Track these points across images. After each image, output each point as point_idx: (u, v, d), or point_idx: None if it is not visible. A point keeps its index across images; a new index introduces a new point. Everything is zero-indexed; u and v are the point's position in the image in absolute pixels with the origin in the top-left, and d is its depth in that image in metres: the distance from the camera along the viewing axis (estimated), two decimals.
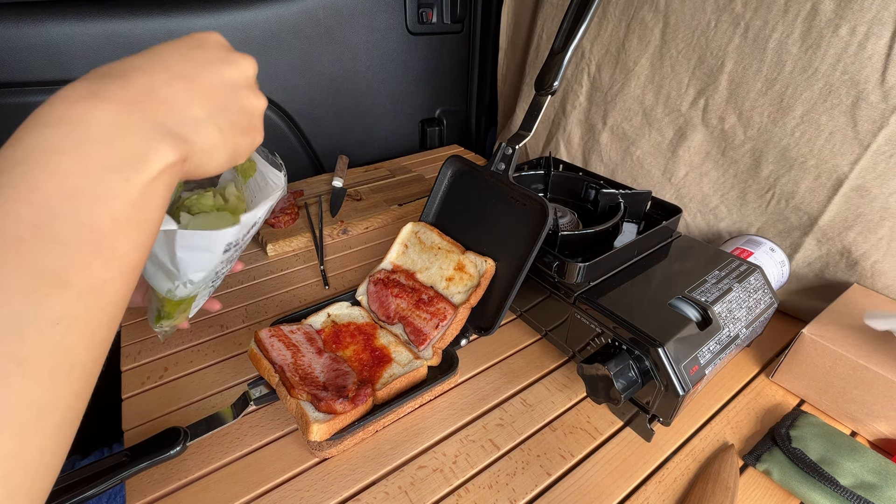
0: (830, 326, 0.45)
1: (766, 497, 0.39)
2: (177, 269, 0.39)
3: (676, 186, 0.66)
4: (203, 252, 0.38)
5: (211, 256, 0.39)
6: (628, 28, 0.66)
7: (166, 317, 0.45)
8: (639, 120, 0.68)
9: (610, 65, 0.70)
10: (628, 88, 0.68)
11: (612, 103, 0.71)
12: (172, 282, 0.40)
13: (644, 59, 0.65)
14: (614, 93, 0.70)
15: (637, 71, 0.66)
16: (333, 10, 0.86)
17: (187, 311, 0.46)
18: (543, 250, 0.48)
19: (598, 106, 0.73)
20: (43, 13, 0.66)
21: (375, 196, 0.85)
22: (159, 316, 0.45)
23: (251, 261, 0.70)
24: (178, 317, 0.46)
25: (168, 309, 0.44)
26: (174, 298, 0.42)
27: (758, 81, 0.55)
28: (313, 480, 0.40)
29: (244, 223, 0.38)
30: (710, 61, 0.58)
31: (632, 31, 0.66)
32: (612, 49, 0.69)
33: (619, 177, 0.74)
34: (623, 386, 0.40)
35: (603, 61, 0.71)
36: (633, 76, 0.67)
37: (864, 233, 0.51)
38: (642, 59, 0.65)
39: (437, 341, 0.49)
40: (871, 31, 0.45)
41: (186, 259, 0.38)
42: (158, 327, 0.46)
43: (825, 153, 0.51)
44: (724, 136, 0.59)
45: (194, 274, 0.40)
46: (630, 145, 0.71)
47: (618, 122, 0.71)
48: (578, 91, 0.76)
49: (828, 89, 0.49)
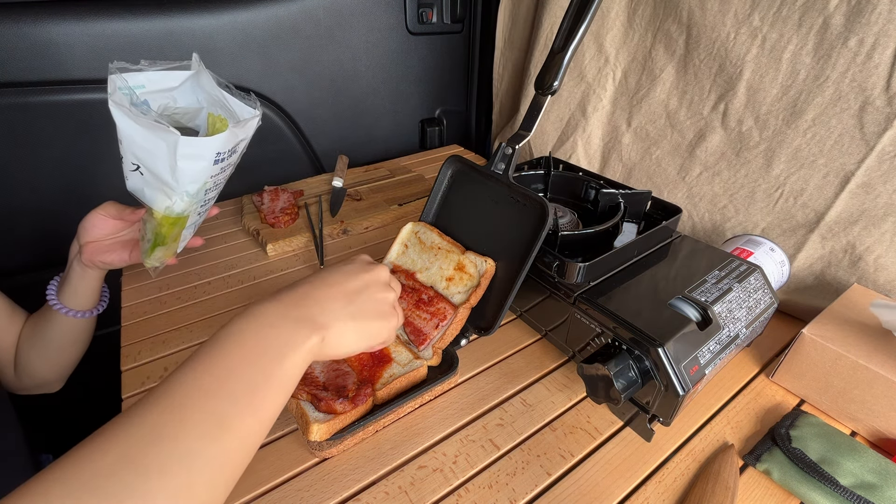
0: (830, 326, 0.46)
1: (766, 497, 0.39)
2: (176, 180, 0.46)
3: (689, 185, 0.69)
4: (198, 161, 0.46)
5: (204, 165, 0.47)
6: (654, 38, 0.70)
7: (161, 242, 0.52)
8: (662, 122, 0.72)
9: (636, 71, 0.74)
10: (654, 93, 0.72)
11: (638, 106, 0.74)
12: (171, 197, 0.48)
13: (670, 66, 0.69)
14: (640, 97, 0.74)
15: (663, 77, 0.70)
16: (333, 10, 0.86)
17: (177, 242, 0.54)
18: (543, 250, 0.48)
19: (623, 109, 0.77)
20: (43, 13, 0.66)
21: (375, 196, 0.85)
22: (154, 244, 0.52)
23: (251, 261, 0.70)
24: (170, 244, 0.53)
25: (164, 231, 0.51)
26: (171, 215, 0.50)
27: (774, 88, 0.58)
28: (313, 480, 0.40)
29: (230, 132, 0.47)
30: (729, 69, 0.62)
31: (658, 40, 0.70)
32: (638, 56, 0.73)
33: (635, 175, 0.77)
34: (623, 386, 0.40)
35: (630, 68, 0.75)
36: (658, 82, 0.71)
37: (869, 227, 0.53)
38: (668, 66, 0.69)
39: (437, 341, 0.49)
40: (878, 42, 0.49)
41: (184, 167, 0.46)
42: (150, 260, 0.53)
43: (834, 153, 0.54)
44: (740, 137, 0.62)
45: (190, 185, 0.48)
46: (651, 146, 0.74)
47: (642, 125, 0.74)
48: (602, 94, 0.79)
49: (837, 95, 0.53)
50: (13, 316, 0.60)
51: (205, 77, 0.49)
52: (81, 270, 0.55)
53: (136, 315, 0.59)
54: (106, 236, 0.55)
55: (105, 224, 0.54)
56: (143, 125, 0.44)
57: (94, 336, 0.65)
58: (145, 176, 0.47)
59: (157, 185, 0.48)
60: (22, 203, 0.76)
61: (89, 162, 0.77)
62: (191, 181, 0.48)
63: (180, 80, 0.49)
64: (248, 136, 0.51)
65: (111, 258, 0.55)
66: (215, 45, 0.78)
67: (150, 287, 0.64)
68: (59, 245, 0.80)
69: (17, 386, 0.61)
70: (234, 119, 0.50)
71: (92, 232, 0.54)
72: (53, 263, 0.82)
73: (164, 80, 0.49)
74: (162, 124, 0.43)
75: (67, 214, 0.79)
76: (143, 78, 0.47)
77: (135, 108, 0.44)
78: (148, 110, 0.48)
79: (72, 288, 0.56)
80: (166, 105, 0.50)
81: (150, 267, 0.55)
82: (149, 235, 0.52)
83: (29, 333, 0.60)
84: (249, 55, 0.81)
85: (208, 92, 0.50)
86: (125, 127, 0.45)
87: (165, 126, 0.43)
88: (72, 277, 0.56)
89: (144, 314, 0.59)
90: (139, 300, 0.62)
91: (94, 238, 0.54)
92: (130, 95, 0.46)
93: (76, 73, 0.70)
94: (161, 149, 0.45)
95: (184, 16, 0.75)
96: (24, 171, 0.73)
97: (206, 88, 0.50)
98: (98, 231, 0.54)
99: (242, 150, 0.53)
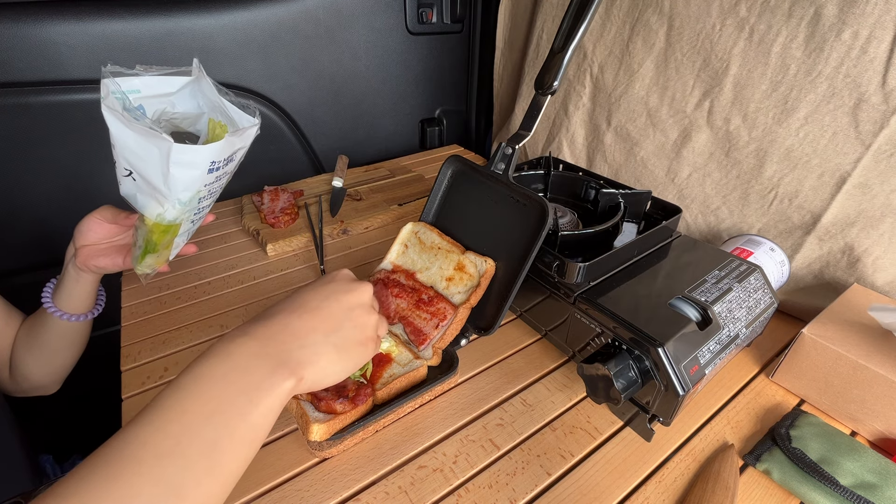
0: (830, 326, 0.45)
1: (766, 497, 0.39)
2: (168, 187, 0.45)
3: (679, 187, 0.67)
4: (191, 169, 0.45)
5: (198, 173, 0.46)
6: (632, 30, 0.66)
7: (152, 250, 0.51)
8: (643, 121, 0.69)
9: (613, 66, 0.70)
10: (632, 90, 0.69)
11: (617, 104, 0.71)
12: (162, 204, 0.47)
13: (649, 61, 0.66)
14: (618, 94, 0.71)
15: (641, 73, 0.67)
16: (333, 10, 0.86)
17: (168, 249, 0.53)
18: (543, 250, 0.48)
19: (602, 107, 0.74)
20: (43, 13, 0.66)
21: (375, 196, 0.85)
22: (145, 251, 0.51)
23: (251, 261, 0.70)
24: (161, 252, 0.52)
25: (155, 238, 0.50)
26: (163, 222, 0.49)
27: (763, 84, 0.55)
28: (313, 480, 0.40)
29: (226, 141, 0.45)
30: (715, 64, 0.59)
31: (636, 33, 0.66)
32: (615, 51, 0.69)
33: (622, 177, 0.74)
34: (623, 386, 0.40)
35: (606, 63, 0.71)
36: (637, 78, 0.68)
37: (867, 229, 0.52)
38: (647, 61, 0.66)
39: (437, 341, 0.49)
40: (873, 35, 0.46)
41: (177, 175, 0.44)
42: (141, 266, 0.52)
43: (828, 152, 0.52)
44: (728, 137, 0.60)
45: (182, 193, 0.46)
46: (634, 146, 0.71)
47: (622, 123, 0.71)
48: (581, 92, 0.76)
49: (831, 91, 0.50)
50: (10, 318, 0.60)
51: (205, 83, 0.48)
52: (76, 274, 0.55)
53: (136, 315, 0.59)
54: (101, 240, 0.55)
55: (101, 228, 0.54)
56: (135, 131, 0.43)
57: (94, 336, 0.65)
58: (137, 182, 0.47)
59: (149, 191, 0.47)
60: (19, 203, 0.76)
61: (88, 162, 0.77)
62: (183, 189, 0.46)
63: (178, 86, 0.48)
64: (245, 145, 0.50)
65: (104, 262, 0.54)
66: (215, 45, 0.78)
67: (151, 287, 0.64)
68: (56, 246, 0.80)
69: (12, 388, 0.61)
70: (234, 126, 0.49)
71: (87, 235, 0.53)
72: (51, 264, 0.82)
73: (161, 85, 0.48)
74: (156, 130, 0.42)
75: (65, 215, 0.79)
76: (138, 82, 0.46)
77: (127, 112, 0.43)
78: (142, 116, 0.47)
79: (67, 291, 0.56)
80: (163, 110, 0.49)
81: (141, 274, 0.53)
82: (140, 242, 0.51)
83: (24, 336, 0.60)
84: (249, 55, 0.81)
85: (209, 98, 0.49)
86: (117, 132, 0.44)
87: (159, 132, 0.42)
88: (67, 281, 0.56)
89: (144, 314, 0.60)
90: (139, 300, 0.62)
91: (90, 242, 0.54)
92: (123, 100, 0.45)
93: (76, 74, 0.70)
94: (154, 155, 0.44)
95: (184, 16, 0.75)
96: (23, 171, 0.73)
97: (207, 94, 0.48)
98: (93, 235, 0.54)
99: (240, 159, 0.52)
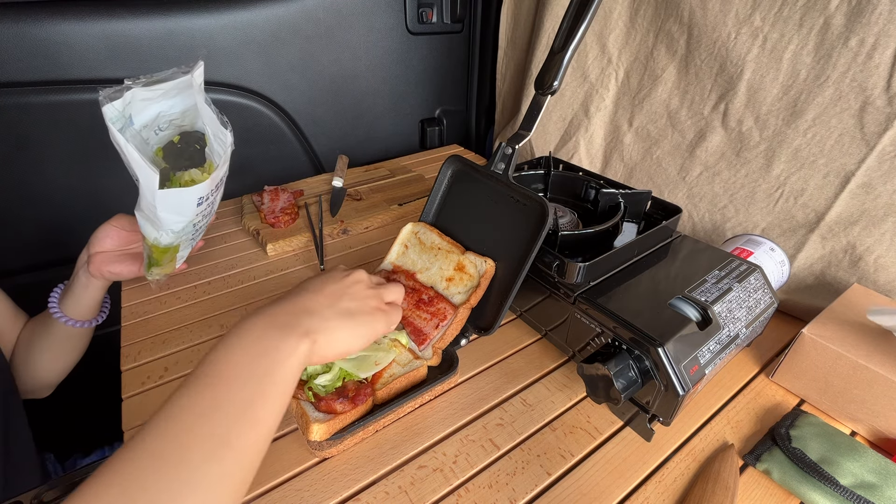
0: (830, 326, 0.46)
1: (766, 497, 0.39)
2: (159, 220, 0.48)
3: (689, 185, 0.69)
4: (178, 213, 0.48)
5: (187, 211, 0.48)
6: (656, 38, 0.70)
7: (155, 264, 0.54)
8: (663, 122, 0.72)
9: (638, 71, 0.74)
10: (655, 93, 0.72)
11: (640, 106, 0.75)
12: (157, 231, 0.49)
13: (671, 66, 0.69)
14: (642, 97, 0.74)
15: (664, 77, 0.70)
16: (333, 10, 0.86)
17: (173, 262, 0.56)
18: (543, 250, 0.48)
19: (625, 109, 0.77)
20: (43, 13, 0.66)
21: (375, 196, 0.85)
22: (150, 263, 0.54)
23: (251, 261, 0.70)
24: (165, 265, 0.55)
25: (156, 256, 0.53)
26: (160, 245, 0.51)
27: (774, 88, 0.58)
28: (313, 480, 0.40)
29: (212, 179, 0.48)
30: (730, 69, 0.62)
31: (659, 41, 0.70)
32: (640, 56, 0.73)
33: (636, 174, 0.77)
34: (623, 386, 0.40)
35: (632, 68, 0.75)
36: (660, 82, 0.71)
37: (869, 227, 0.53)
38: (670, 66, 0.69)
39: (438, 341, 0.49)
40: (879, 42, 0.49)
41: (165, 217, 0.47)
42: (150, 275, 0.55)
43: (834, 153, 0.54)
44: (740, 137, 0.63)
45: (174, 224, 0.49)
46: (652, 145, 0.74)
47: (643, 124, 0.75)
48: (605, 94, 0.80)
49: (838, 95, 0.53)
50: (15, 319, 0.60)
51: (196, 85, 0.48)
52: (87, 280, 0.56)
53: (136, 315, 0.59)
54: (116, 248, 0.56)
55: (117, 235, 0.55)
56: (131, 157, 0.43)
57: (95, 336, 0.65)
58: (140, 202, 0.47)
59: (148, 214, 0.48)
60: (22, 202, 0.76)
61: (89, 161, 0.77)
62: (175, 222, 0.49)
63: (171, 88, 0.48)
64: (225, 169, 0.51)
65: (119, 269, 0.56)
66: (215, 45, 0.78)
67: (151, 287, 0.64)
68: (59, 245, 0.80)
69: None
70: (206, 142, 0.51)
71: (104, 242, 0.55)
72: (54, 264, 0.82)
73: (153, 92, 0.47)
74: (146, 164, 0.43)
75: (66, 214, 0.79)
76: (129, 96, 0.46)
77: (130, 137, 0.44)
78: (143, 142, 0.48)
79: (74, 297, 0.57)
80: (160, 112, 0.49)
81: (152, 279, 0.56)
82: (147, 252, 0.53)
83: (26, 338, 0.60)
84: (249, 55, 0.81)
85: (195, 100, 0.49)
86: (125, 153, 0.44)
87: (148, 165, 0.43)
88: (76, 287, 0.56)
89: (144, 314, 0.59)
90: (139, 300, 0.62)
91: (105, 248, 0.55)
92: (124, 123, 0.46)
93: (76, 73, 0.70)
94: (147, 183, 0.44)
95: (184, 16, 0.75)
96: (24, 170, 0.73)
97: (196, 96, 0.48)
98: (109, 242, 0.55)
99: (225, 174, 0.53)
